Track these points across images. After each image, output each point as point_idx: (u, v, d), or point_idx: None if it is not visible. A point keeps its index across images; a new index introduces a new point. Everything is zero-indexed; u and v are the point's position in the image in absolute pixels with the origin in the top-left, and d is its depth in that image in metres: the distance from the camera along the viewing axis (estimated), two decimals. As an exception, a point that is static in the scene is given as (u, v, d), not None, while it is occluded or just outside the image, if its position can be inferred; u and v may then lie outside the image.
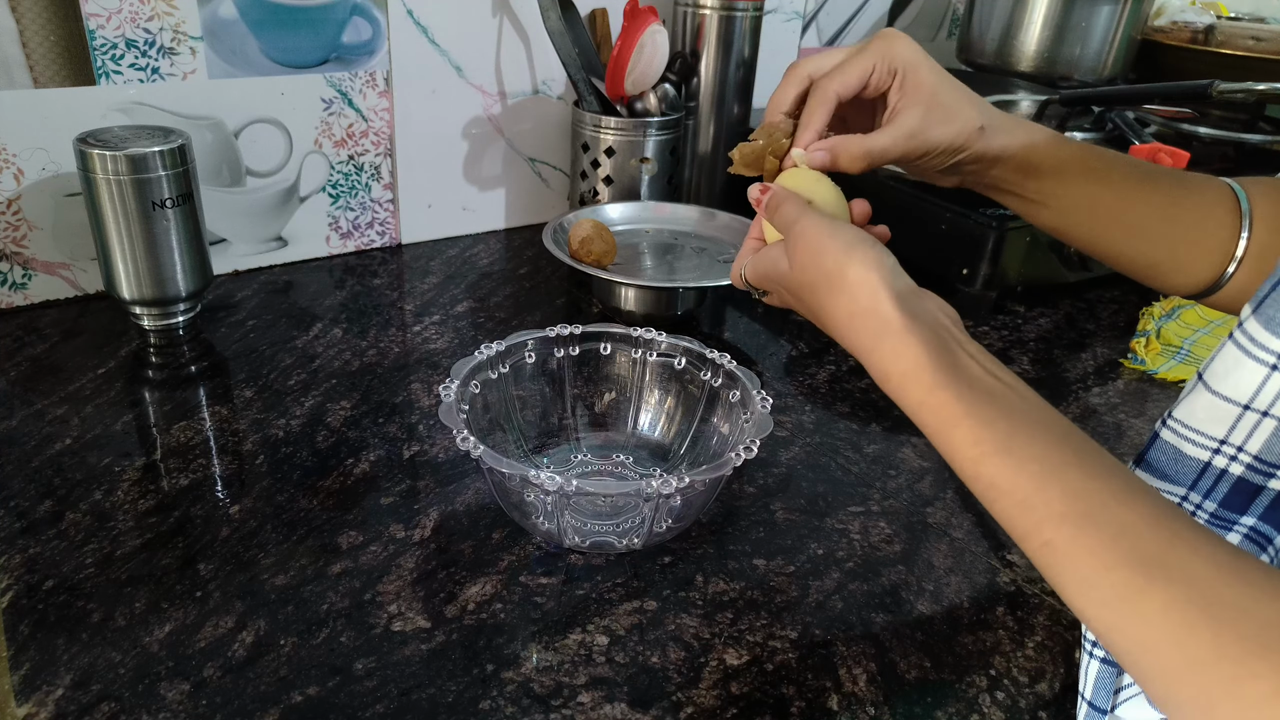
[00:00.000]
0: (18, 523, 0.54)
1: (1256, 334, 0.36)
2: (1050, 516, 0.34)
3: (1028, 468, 0.36)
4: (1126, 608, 0.32)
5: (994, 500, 0.37)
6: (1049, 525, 0.34)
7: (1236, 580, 0.30)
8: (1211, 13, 1.24)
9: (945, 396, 0.39)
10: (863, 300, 0.42)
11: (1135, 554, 0.32)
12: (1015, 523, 0.36)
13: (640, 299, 0.82)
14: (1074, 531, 0.34)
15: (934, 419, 0.40)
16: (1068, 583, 0.34)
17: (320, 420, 0.65)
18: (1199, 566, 0.31)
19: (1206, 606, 0.30)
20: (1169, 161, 0.96)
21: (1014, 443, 0.37)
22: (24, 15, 0.69)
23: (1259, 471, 0.38)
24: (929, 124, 0.50)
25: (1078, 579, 0.34)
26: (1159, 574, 0.31)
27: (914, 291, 0.43)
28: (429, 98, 0.91)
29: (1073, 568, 0.34)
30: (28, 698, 0.43)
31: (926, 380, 0.39)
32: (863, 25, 1.24)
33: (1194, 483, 0.40)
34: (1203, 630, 0.30)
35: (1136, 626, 0.31)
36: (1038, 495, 0.35)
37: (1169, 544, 0.32)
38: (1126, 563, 0.32)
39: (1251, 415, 0.37)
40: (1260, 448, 0.37)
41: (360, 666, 0.46)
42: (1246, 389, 0.37)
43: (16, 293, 0.77)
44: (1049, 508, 0.35)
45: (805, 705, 0.45)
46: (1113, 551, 0.33)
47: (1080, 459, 0.35)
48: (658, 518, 0.52)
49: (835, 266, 0.43)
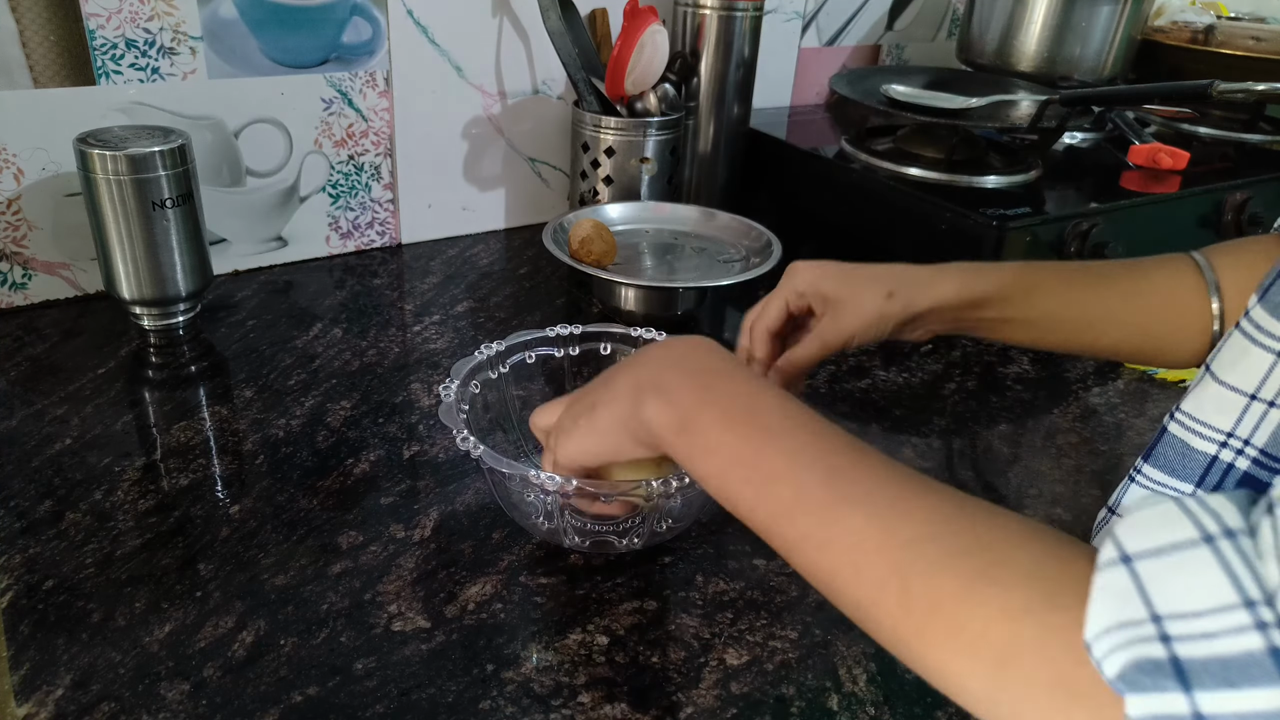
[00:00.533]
0: (18, 523, 0.54)
1: (1263, 321, 0.36)
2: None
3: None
4: (844, 539, 0.34)
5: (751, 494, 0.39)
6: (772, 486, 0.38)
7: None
8: (1211, 13, 1.24)
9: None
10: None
11: (836, 494, 0.36)
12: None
13: (640, 299, 0.82)
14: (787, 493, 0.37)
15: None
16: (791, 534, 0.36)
17: (320, 420, 0.65)
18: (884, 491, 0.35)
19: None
20: (1169, 162, 0.97)
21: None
22: (24, 15, 0.69)
23: (1265, 466, 0.37)
24: (836, 321, 0.55)
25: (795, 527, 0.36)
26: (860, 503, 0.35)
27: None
28: (429, 98, 0.91)
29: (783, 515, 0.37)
30: (28, 698, 0.43)
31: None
32: (863, 25, 1.24)
33: (1201, 478, 0.40)
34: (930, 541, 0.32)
35: (852, 555, 0.34)
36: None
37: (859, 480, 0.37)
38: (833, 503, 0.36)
39: (1258, 405, 0.37)
40: (1267, 440, 0.37)
41: (360, 666, 0.46)
42: (1254, 378, 0.37)
43: (16, 293, 0.77)
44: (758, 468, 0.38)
45: (805, 705, 0.45)
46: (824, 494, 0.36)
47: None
48: (658, 518, 0.52)
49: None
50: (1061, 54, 1.09)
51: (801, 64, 1.20)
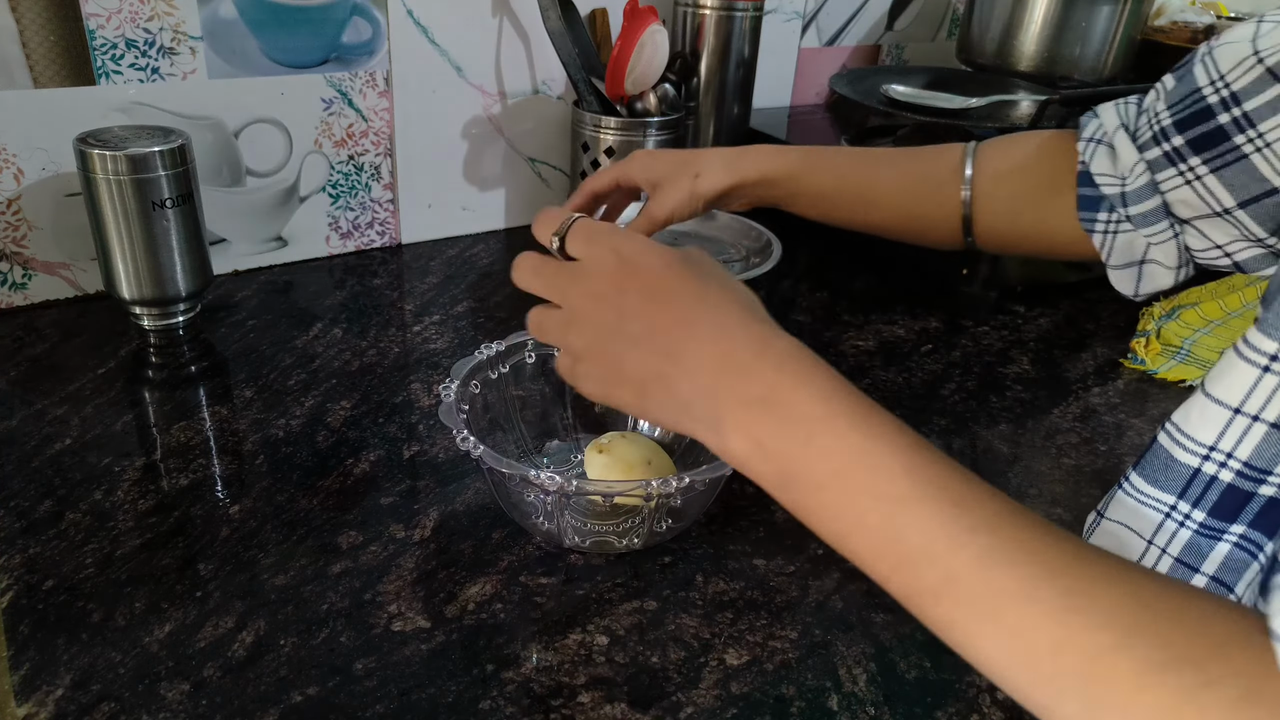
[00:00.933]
0: (18, 523, 0.54)
1: (1251, 337, 0.37)
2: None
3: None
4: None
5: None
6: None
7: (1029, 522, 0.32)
8: (1211, 13, 1.24)
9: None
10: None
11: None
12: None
13: (640, 299, 0.81)
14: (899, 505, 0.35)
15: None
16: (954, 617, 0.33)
17: (320, 420, 0.65)
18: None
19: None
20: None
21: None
22: (24, 15, 0.69)
23: (1248, 478, 0.37)
24: (658, 200, 0.62)
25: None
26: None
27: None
28: (429, 98, 0.91)
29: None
30: (28, 698, 0.43)
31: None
32: (863, 25, 1.24)
33: (1183, 490, 0.40)
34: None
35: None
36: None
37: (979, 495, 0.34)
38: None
39: (1242, 420, 0.37)
40: (1250, 453, 0.37)
41: (360, 666, 0.46)
42: (1238, 392, 0.37)
43: (16, 293, 0.77)
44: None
45: (805, 705, 0.45)
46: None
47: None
48: (658, 518, 0.52)
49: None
50: (1061, 54, 1.09)
51: (801, 64, 1.20)
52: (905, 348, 0.81)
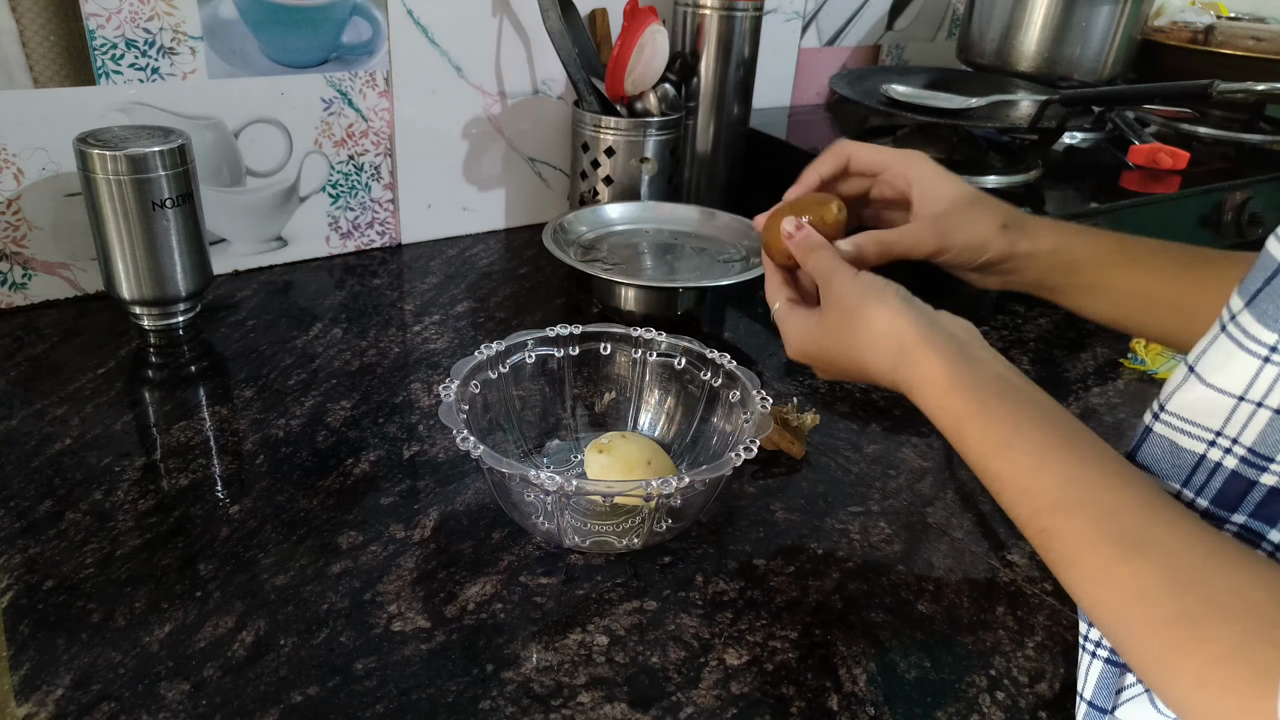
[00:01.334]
0: (18, 523, 0.54)
1: (1250, 327, 0.36)
2: (1045, 504, 0.38)
3: (1026, 460, 0.39)
4: (1105, 578, 0.35)
5: (999, 492, 0.41)
6: (1044, 512, 0.38)
7: (1206, 553, 0.33)
8: (1211, 13, 1.24)
9: (959, 399, 0.43)
10: (880, 324, 0.47)
11: (1116, 532, 0.35)
12: (1017, 511, 0.40)
13: (640, 299, 0.82)
14: (1064, 516, 0.37)
15: (949, 420, 0.44)
16: (1059, 563, 0.38)
17: (320, 420, 0.65)
18: (1173, 541, 0.34)
19: (1172, 574, 0.33)
20: (1169, 162, 0.97)
21: (1016, 438, 0.40)
22: (24, 15, 0.69)
23: (1252, 465, 0.38)
24: (947, 224, 0.54)
25: (1067, 559, 0.37)
26: (1134, 548, 0.34)
27: (929, 311, 0.48)
28: (429, 98, 0.91)
29: (1062, 548, 0.37)
30: (28, 698, 0.43)
31: (942, 385, 0.44)
32: (863, 25, 1.24)
33: (1187, 479, 0.40)
34: (1165, 595, 0.33)
35: (1112, 597, 0.35)
36: (1034, 484, 0.39)
37: (1148, 523, 0.35)
38: (1106, 540, 0.35)
39: (1246, 406, 0.37)
40: (1255, 439, 0.37)
41: (360, 666, 0.46)
42: (1240, 381, 0.37)
43: (16, 293, 0.77)
44: (1044, 496, 0.38)
45: (805, 705, 0.45)
46: (1096, 531, 0.36)
47: (1076, 448, 0.39)
48: (658, 518, 0.52)
49: (855, 302, 0.48)
50: (1061, 54, 1.09)
51: (801, 64, 1.20)
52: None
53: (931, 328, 0.46)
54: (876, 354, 0.47)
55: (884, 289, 0.48)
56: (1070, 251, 0.54)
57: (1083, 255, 0.54)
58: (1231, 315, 0.37)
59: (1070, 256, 0.54)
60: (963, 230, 0.55)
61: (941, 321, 0.47)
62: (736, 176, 1.04)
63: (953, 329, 0.47)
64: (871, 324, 0.47)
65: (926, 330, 0.45)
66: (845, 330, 0.49)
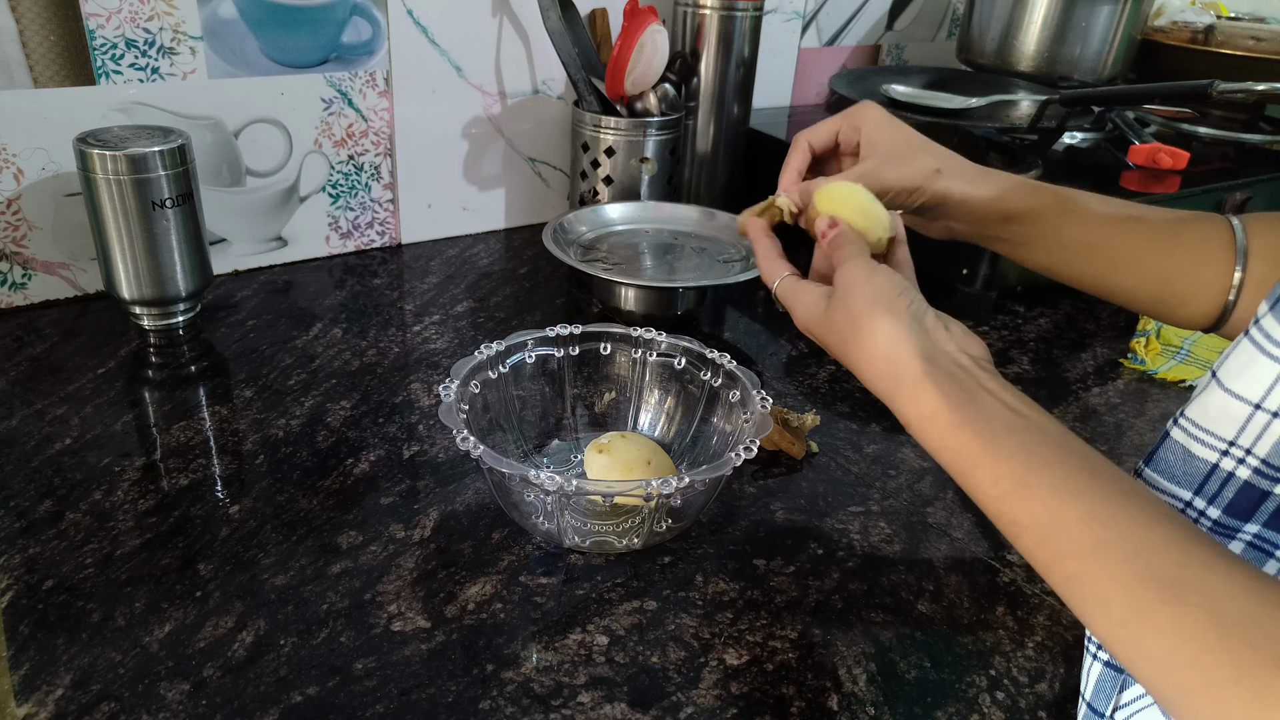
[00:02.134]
0: (18, 523, 0.54)
1: (1273, 331, 0.36)
2: (1070, 549, 0.35)
3: (1045, 501, 0.36)
4: (1141, 624, 0.32)
5: (1017, 536, 0.38)
6: (1069, 558, 0.35)
7: (1251, 596, 0.31)
8: (1211, 13, 1.24)
9: (964, 437, 0.40)
10: (881, 345, 0.44)
11: (1150, 574, 0.32)
12: (1038, 557, 0.37)
13: (640, 299, 0.82)
14: (1093, 559, 0.34)
15: (955, 460, 0.41)
16: (1087, 607, 0.35)
17: (320, 420, 0.65)
18: (1213, 583, 0.31)
19: (1219, 622, 0.30)
20: (1169, 162, 0.97)
21: (1031, 477, 0.37)
22: (24, 15, 0.69)
23: (1266, 476, 0.37)
24: (883, 166, 0.54)
25: (1096, 602, 0.34)
26: (1172, 592, 0.32)
27: (938, 333, 0.44)
28: (429, 98, 0.91)
29: (1091, 592, 0.34)
30: (28, 698, 0.43)
31: (943, 422, 0.41)
32: (863, 25, 1.24)
33: (1200, 486, 0.39)
34: (1216, 646, 0.30)
35: (1152, 644, 0.32)
36: (1056, 527, 0.36)
37: (1183, 563, 0.32)
38: (1141, 582, 0.33)
39: (1262, 415, 0.37)
40: (1269, 451, 0.37)
41: (360, 666, 0.46)
42: (1259, 388, 0.36)
43: (16, 293, 0.77)
44: (1068, 540, 0.35)
45: (805, 705, 0.45)
46: (1128, 572, 0.33)
47: (1097, 484, 0.36)
48: (658, 518, 0.52)
49: (862, 311, 0.45)
50: (1061, 54, 1.09)
51: (801, 64, 1.20)
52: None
53: (935, 356, 0.42)
54: (874, 373, 0.45)
55: (895, 300, 0.45)
56: (1007, 202, 0.55)
57: (1020, 206, 0.55)
58: (1257, 319, 0.37)
59: (1007, 207, 0.55)
60: (897, 173, 0.54)
61: (948, 349, 0.43)
62: (736, 176, 1.04)
63: (957, 357, 0.43)
64: (873, 340, 0.44)
65: (928, 360, 0.42)
66: (848, 333, 0.46)
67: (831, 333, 0.48)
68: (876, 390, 0.45)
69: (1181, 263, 0.52)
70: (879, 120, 0.57)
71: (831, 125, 0.58)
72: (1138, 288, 0.55)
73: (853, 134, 0.57)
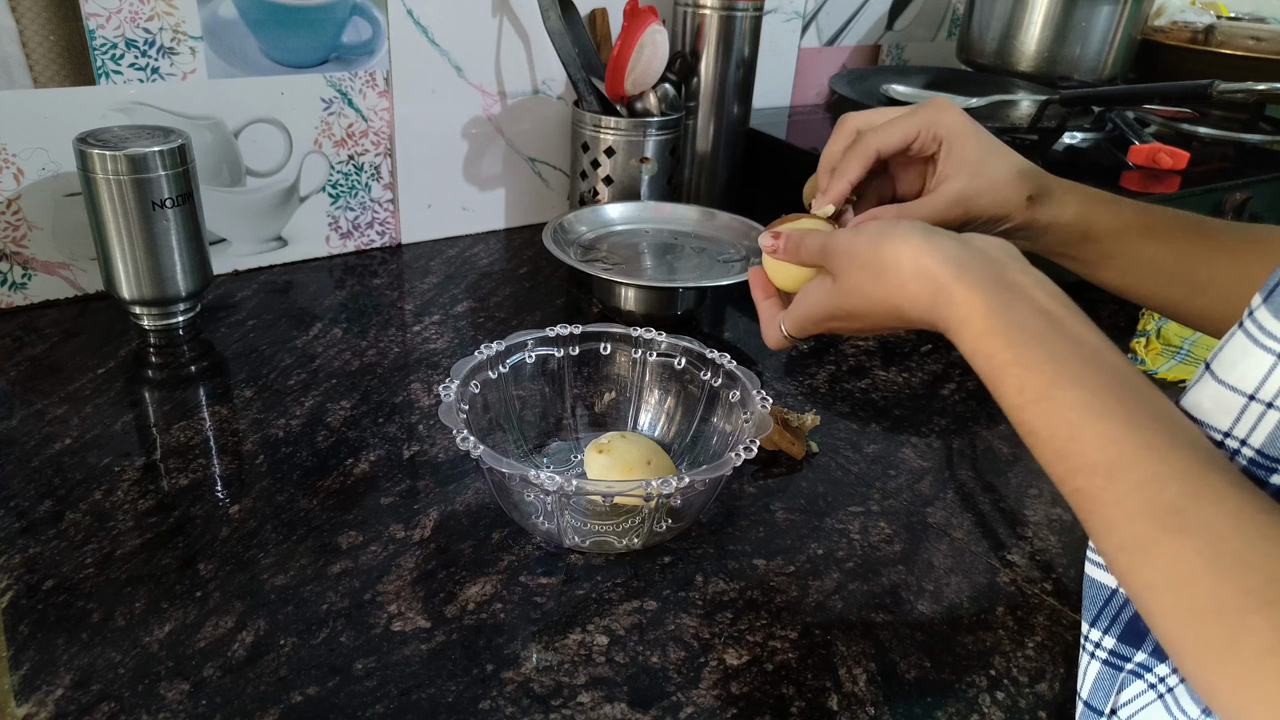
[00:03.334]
0: (18, 523, 0.54)
1: (1266, 323, 0.36)
2: (1083, 464, 0.36)
3: (1066, 415, 0.36)
4: (1140, 556, 0.33)
5: (1034, 445, 0.38)
6: (1081, 474, 0.36)
7: (1254, 534, 0.31)
8: (1211, 13, 1.24)
9: (995, 344, 0.39)
10: (908, 266, 0.43)
11: (1157, 505, 0.33)
12: (1051, 468, 0.38)
13: (640, 299, 0.82)
14: (1103, 480, 0.35)
15: (985, 365, 0.40)
16: (1092, 526, 0.36)
17: (320, 420, 0.65)
18: (1217, 519, 0.32)
19: (1214, 558, 0.31)
20: (1169, 162, 0.97)
21: (1056, 390, 0.37)
22: (24, 15, 0.69)
23: (1261, 466, 0.37)
24: (972, 195, 0.51)
25: (1102, 525, 0.35)
26: (1175, 525, 0.32)
27: (956, 238, 0.43)
28: (429, 98, 0.91)
29: (1098, 513, 0.35)
30: (28, 698, 0.43)
31: (978, 327, 0.40)
32: (863, 25, 1.24)
33: None
34: (1205, 581, 0.31)
35: (1147, 575, 0.33)
36: (1072, 443, 0.36)
37: (1192, 496, 0.33)
38: (1146, 513, 0.33)
39: (1256, 406, 0.37)
40: (1263, 441, 0.37)
41: (360, 666, 0.46)
42: (1253, 379, 0.36)
43: (16, 293, 0.77)
44: (1082, 456, 0.36)
45: (805, 705, 0.45)
46: (1135, 501, 0.34)
47: (1121, 403, 0.36)
48: (658, 518, 0.52)
49: (872, 252, 0.44)
50: (1061, 54, 1.09)
51: (801, 64, 1.20)
52: (905, 347, 0.81)
53: (964, 258, 0.41)
54: (910, 297, 0.43)
55: (895, 228, 0.44)
56: (1088, 222, 0.53)
57: (1100, 226, 0.53)
58: (1250, 311, 0.37)
59: (1088, 227, 0.53)
60: (989, 202, 0.52)
61: (976, 245, 0.43)
62: (736, 176, 1.04)
63: (990, 254, 0.42)
64: (899, 265, 0.43)
65: (959, 263, 0.41)
66: (871, 284, 0.45)
67: (850, 299, 0.46)
68: (921, 315, 0.44)
69: (1258, 283, 0.51)
70: (963, 129, 0.52)
71: (904, 128, 0.53)
72: (1210, 308, 0.53)
73: (930, 143, 0.53)
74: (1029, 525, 0.60)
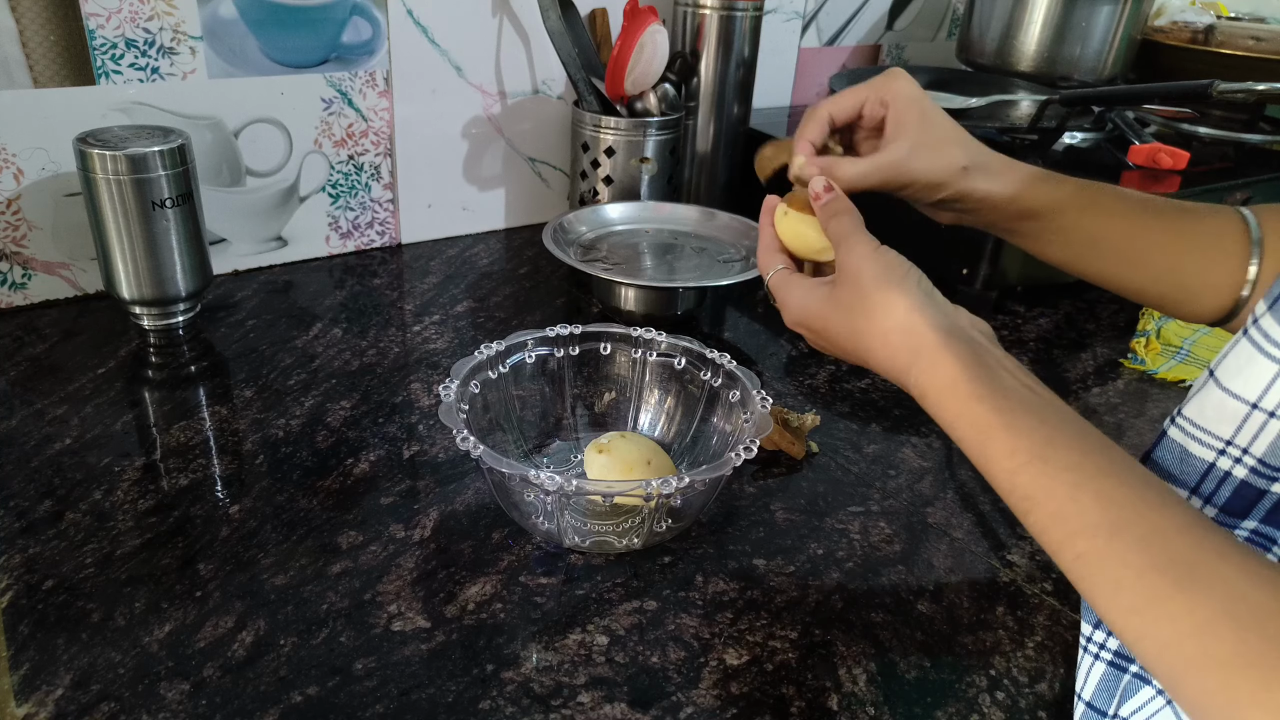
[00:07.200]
0: (18, 523, 0.54)
1: (1271, 331, 0.36)
2: (1084, 527, 0.35)
3: (1062, 477, 0.36)
4: (1153, 612, 0.32)
5: (1028, 512, 0.37)
6: (1082, 536, 0.35)
7: (1264, 584, 0.31)
8: (1211, 13, 1.24)
9: (981, 409, 0.39)
10: (897, 317, 0.43)
11: (1164, 559, 0.32)
12: (1049, 534, 0.36)
13: (640, 299, 0.82)
14: (1106, 540, 0.34)
15: (970, 431, 0.40)
16: (1099, 591, 0.34)
17: (320, 420, 0.65)
18: (1226, 571, 0.31)
19: (1232, 610, 0.30)
20: (1169, 162, 0.97)
21: (1049, 452, 0.37)
22: (24, 15, 0.69)
23: (1263, 475, 0.37)
24: (911, 157, 0.53)
25: (1108, 587, 0.34)
26: (1186, 578, 0.31)
27: (948, 308, 0.44)
28: (429, 98, 0.91)
29: (1102, 575, 0.34)
30: (28, 698, 0.43)
31: (963, 392, 0.40)
32: (863, 25, 1.24)
33: (1197, 485, 0.39)
34: (1227, 634, 0.30)
35: (1164, 631, 0.32)
36: (1071, 505, 0.35)
37: (1197, 549, 0.32)
38: (1155, 568, 0.32)
39: (1259, 415, 0.37)
40: (1265, 450, 0.37)
41: (360, 666, 0.46)
42: (1256, 387, 0.37)
43: (16, 293, 0.77)
44: (1082, 518, 0.35)
45: (805, 705, 0.45)
46: (1142, 557, 0.33)
47: (1114, 468, 0.36)
48: (658, 518, 0.52)
49: (872, 284, 0.45)
50: (1061, 54, 1.09)
51: (801, 64, 1.20)
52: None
53: (952, 328, 0.42)
54: (889, 349, 0.44)
55: (905, 276, 0.45)
56: (1028, 200, 0.54)
57: (1038, 203, 0.54)
58: (1254, 319, 0.37)
59: (1028, 205, 0.54)
60: (924, 165, 0.53)
61: (961, 322, 0.44)
62: (736, 176, 1.04)
63: (971, 331, 0.43)
64: (888, 314, 0.44)
65: (946, 332, 0.42)
66: (857, 312, 0.45)
67: (836, 313, 0.47)
68: (891, 367, 0.44)
69: (1196, 259, 0.52)
70: (909, 96, 0.54)
71: (857, 95, 0.55)
72: (1151, 284, 0.54)
73: (879, 108, 0.55)
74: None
